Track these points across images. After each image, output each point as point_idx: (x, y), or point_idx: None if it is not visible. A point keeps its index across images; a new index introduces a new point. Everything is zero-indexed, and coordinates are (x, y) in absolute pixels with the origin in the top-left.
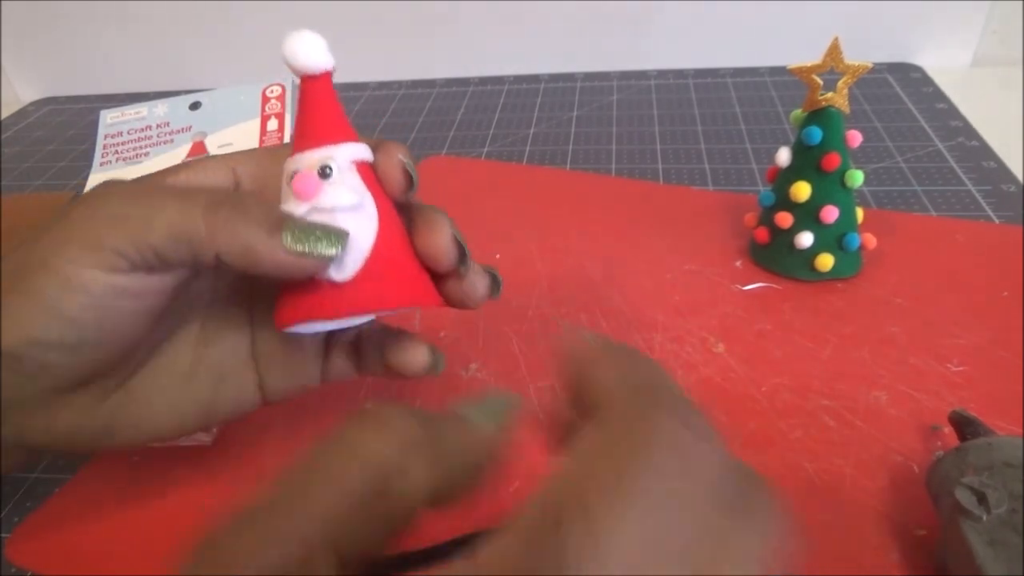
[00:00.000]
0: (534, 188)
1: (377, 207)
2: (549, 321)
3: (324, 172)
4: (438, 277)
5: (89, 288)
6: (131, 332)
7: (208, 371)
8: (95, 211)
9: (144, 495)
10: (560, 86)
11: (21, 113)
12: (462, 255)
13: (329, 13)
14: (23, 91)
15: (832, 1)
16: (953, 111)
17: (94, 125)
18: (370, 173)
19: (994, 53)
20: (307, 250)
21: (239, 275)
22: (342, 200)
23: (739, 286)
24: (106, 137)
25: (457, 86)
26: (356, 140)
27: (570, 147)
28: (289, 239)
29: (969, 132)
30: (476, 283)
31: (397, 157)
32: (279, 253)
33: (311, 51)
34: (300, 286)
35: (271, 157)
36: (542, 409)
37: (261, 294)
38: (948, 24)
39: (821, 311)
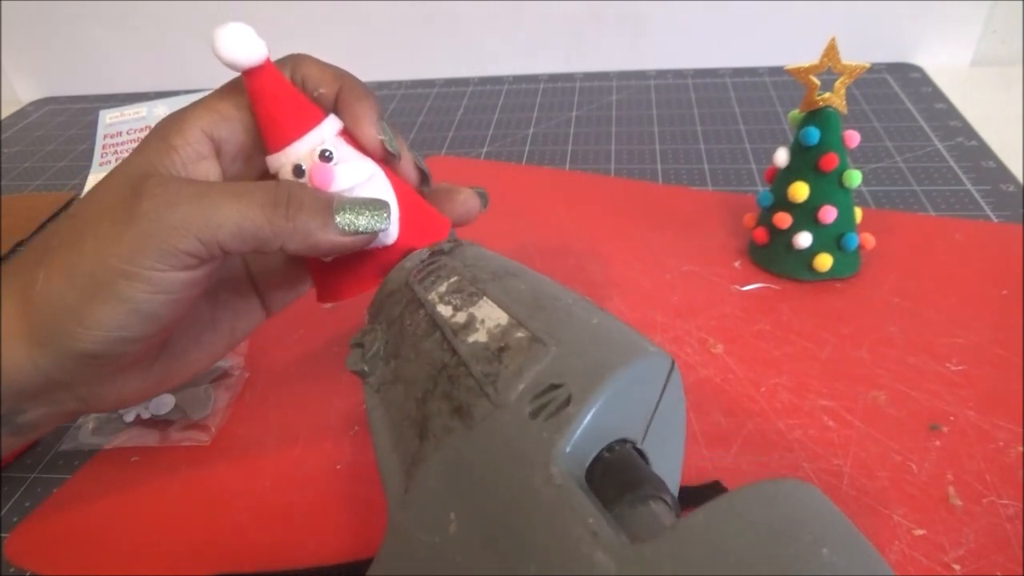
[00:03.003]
0: (533, 188)
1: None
2: None
3: (325, 156)
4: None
5: (170, 287)
6: (188, 309)
7: (225, 312)
8: (162, 219)
9: (143, 495)
10: (559, 86)
11: (21, 113)
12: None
13: (328, 13)
14: (23, 91)
15: (832, 1)
16: (952, 111)
17: (94, 125)
18: (351, 136)
19: (994, 53)
20: (361, 228)
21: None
22: (358, 176)
23: (738, 286)
24: (106, 137)
25: (456, 86)
26: (323, 113)
27: (569, 147)
28: (343, 223)
29: (968, 132)
30: (468, 201)
31: (373, 135)
32: (336, 236)
33: (248, 43)
34: (350, 258)
35: (234, 104)
36: None
37: None
38: (948, 24)
39: (820, 311)
